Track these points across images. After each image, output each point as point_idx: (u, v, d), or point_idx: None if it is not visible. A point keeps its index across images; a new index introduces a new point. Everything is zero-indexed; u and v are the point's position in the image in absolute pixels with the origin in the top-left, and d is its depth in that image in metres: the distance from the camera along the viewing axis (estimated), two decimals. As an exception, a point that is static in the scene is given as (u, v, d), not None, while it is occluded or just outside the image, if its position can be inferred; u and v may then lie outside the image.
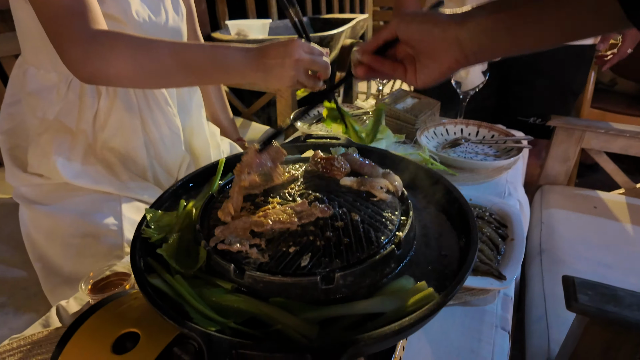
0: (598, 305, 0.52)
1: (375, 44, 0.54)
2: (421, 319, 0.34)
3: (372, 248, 0.42)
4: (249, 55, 0.73)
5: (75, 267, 0.80)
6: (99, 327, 0.43)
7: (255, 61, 0.72)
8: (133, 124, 0.90)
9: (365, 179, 0.53)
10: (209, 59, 0.73)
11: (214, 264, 0.43)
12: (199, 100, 1.09)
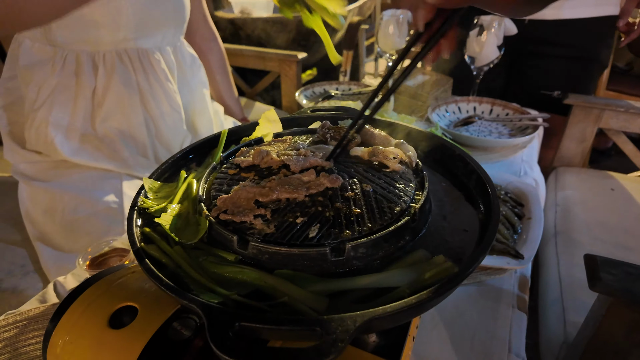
0: (623, 284, 0.49)
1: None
2: (440, 292, 0.31)
3: (385, 219, 0.39)
4: None
5: (75, 244, 0.79)
6: (94, 300, 0.40)
7: None
8: (132, 101, 0.87)
9: (377, 148, 0.49)
10: None
11: (216, 235, 0.40)
12: (202, 77, 1.05)
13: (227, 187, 0.45)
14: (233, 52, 1.49)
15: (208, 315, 0.30)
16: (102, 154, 0.86)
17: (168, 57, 0.92)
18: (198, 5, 1.09)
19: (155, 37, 0.88)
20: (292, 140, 0.55)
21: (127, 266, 0.46)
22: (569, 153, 1.11)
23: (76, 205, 0.81)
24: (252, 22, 1.82)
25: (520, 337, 0.50)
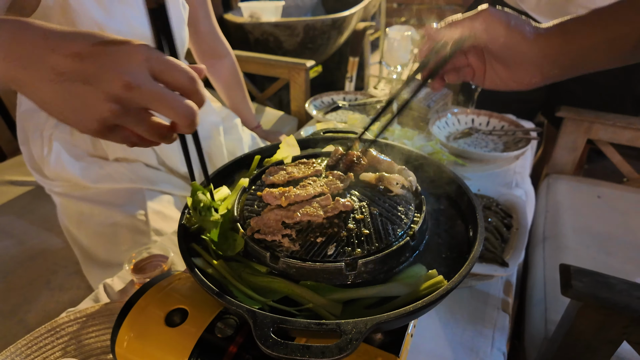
0: (592, 291, 0.57)
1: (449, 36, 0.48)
2: (432, 303, 0.40)
3: (389, 239, 0.48)
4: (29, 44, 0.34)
5: (108, 253, 0.86)
6: (151, 303, 0.49)
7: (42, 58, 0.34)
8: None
9: (383, 175, 0.58)
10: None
11: (251, 250, 0.49)
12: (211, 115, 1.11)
13: (257, 208, 0.54)
14: (243, 59, 1.56)
15: (253, 318, 0.39)
16: (122, 176, 0.93)
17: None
18: (208, 24, 1.13)
19: None
20: (311, 162, 0.63)
21: (173, 273, 0.55)
22: (561, 161, 1.19)
23: (106, 217, 0.89)
24: (260, 27, 1.89)
25: (503, 334, 0.59)
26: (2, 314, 0.76)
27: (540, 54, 0.46)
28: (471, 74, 0.52)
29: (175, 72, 0.35)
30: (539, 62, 0.47)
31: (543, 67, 0.47)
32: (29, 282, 0.83)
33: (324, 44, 2.10)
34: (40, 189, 1.11)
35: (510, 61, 0.48)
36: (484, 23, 0.46)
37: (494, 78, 0.51)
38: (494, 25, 0.46)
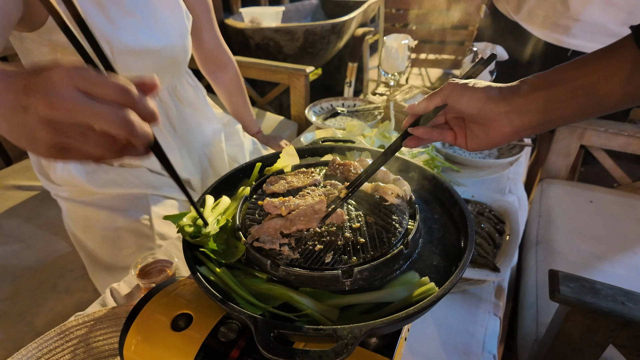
0: (578, 296, 0.60)
1: (424, 108, 0.56)
2: (423, 309, 0.43)
3: (384, 248, 0.50)
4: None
5: (113, 257, 0.89)
6: (157, 308, 0.52)
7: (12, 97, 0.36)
8: None
9: (378, 185, 0.60)
10: None
11: (252, 258, 0.51)
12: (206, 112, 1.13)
13: (259, 217, 0.56)
14: (244, 65, 1.58)
15: (254, 324, 0.41)
16: (126, 181, 0.95)
17: (164, 100, 1.01)
18: (211, 33, 1.15)
19: None
20: (310, 172, 0.66)
21: (178, 279, 0.58)
22: (555, 166, 1.22)
23: (112, 222, 0.91)
24: (261, 32, 1.92)
25: (493, 337, 0.62)
26: (12, 317, 0.78)
27: (506, 108, 0.50)
28: (453, 137, 0.58)
29: (102, 87, 0.34)
30: (507, 117, 0.51)
31: (512, 120, 0.51)
32: (37, 286, 0.85)
33: (324, 49, 2.13)
34: (46, 194, 1.14)
35: (480, 119, 0.53)
36: (449, 91, 0.53)
37: (473, 138, 0.56)
38: (456, 90, 0.53)
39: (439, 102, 0.54)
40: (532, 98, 0.49)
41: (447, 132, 0.58)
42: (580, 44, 1.08)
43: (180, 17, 0.96)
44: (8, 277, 0.86)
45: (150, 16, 0.87)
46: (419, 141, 0.58)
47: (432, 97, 0.55)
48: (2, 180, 1.21)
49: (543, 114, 0.49)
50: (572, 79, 0.48)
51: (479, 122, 0.54)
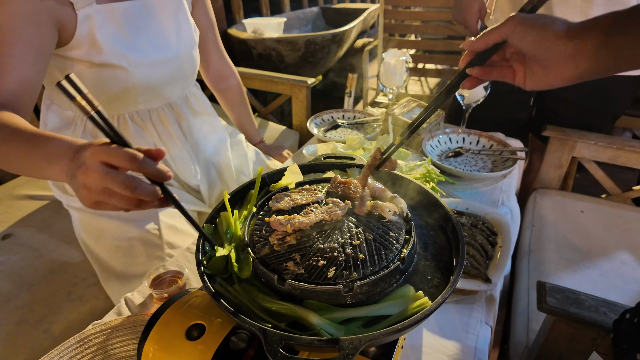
0: (563, 307, 0.64)
1: (484, 45, 0.53)
2: (417, 322, 0.47)
3: (381, 264, 0.55)
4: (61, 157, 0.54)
5: (125, 266, 0.93)
6: (172, 318, 0.56)
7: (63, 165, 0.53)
8: None
9: (377, 202, 0.65)
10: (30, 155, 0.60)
11: (260, 273, 0.56)
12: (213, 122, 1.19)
13: (265, 233, 0.61)
14: (247, 76, 1.63)
15: (264, 336, 0.46)
16: None
17: (177, 109, 1.06)
18: (216, 47, 1.20)
19: (162, 96, 1.01)
20: (313, 189, 0.70)
21: (190, 291, 0.62)
22: (547, 177, 1.26)
23: (122, 232, 0.96)
24: (263, 42, 1.96)
25: (485, 345, 0.66)
26: (30, 324, 0.83)
27: (573, 48, 0.46)
28: (512, 74, 0.55)
29: (115, 158, 0.46)
30: (573, 57, 0.47)
31: (578, 63, 0.47)
32: (52, 294, 0.89)
33: (325, 58, 2.17)
34: (57, 204, 1.18)
35: (545, 59, 0.49)
36: (512, 27, 0.50)
37: (533, 78, 0.53)
38: (521, 27, 0.49)
39: (499, 38, 0.51)
40: (605, 42, 0.45)
41: (506, 69, 0.55)
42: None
43: (188, 30, 1.02)
44: (25, 285, 0.90)
45: (160, 32, 0.94)
46: (478, 81, 0.56)
47: (492, 33, 0.52)
48: (14, 190, 1.25)
49: (614, 59, 0.45)
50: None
51: (542, 62, 0.50)
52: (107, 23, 0.84)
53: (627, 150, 1.12)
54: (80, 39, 0.82)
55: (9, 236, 1.05)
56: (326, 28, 3.11)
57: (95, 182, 0.47)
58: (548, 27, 0.48)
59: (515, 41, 0.50)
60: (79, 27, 0.81)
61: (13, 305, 0.86)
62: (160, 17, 0.94)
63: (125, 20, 0.87)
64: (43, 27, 0.75)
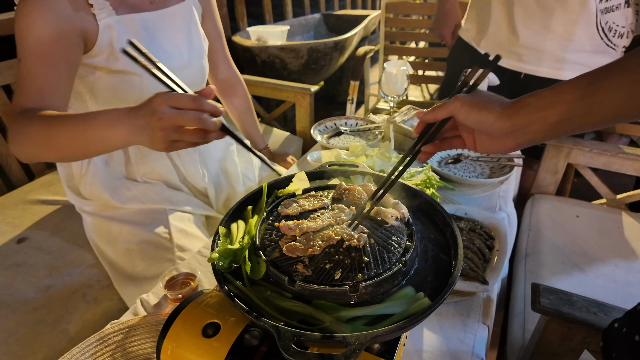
0: (556, 307, 0.68)
1: (433, 118, 0.60)
2: (417, 320, 0.51)
3: (385, 266, 0.58)
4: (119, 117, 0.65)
5: (136, 268, 0.97)
6: (189, 317, 0.60)
7: (126, 122, 0.64)
8: (160, 155, 1.06)
9: (380, 209, 0.68)
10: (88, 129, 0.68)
11: (272, 274, 0.60)
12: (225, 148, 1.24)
13: (275, 237, 0.65)
14: (252, 84, 1.67)
15: (277, 332, 0.49)
16: (147, 197, 1.03)
17: None
18: (223, 56, 1.25)
19: None
20: (319, 195, 0.74)
21: (204, 292, 0.66)
22: (544, 182, 1.30)
23: (134, 235, 1.00)
24: (267, 50, 2.01)
25: (482, 344, 0.70)
26: (48, 324, 0.86)
27: (510, 126, 0.54)
28: (462, 143, 0.63)
29: (180, 100, 0.59)
30: (511, 133, 0.54)
31: (516, 137, 0.54)
32: (68, 295, 0.93)
33: (327, 65, 2.22)
34: (68, 209, 1.22)
35: (488, 132, 0.57)
36: (458, 107, 0.56)
37: (482, 145, 0.60)
38: (464, 107, 0.56)
39: (446, 115, 0.58)
40: (534, 119, 0.52)
41: (456, 140, 0.63)
42: (531, 69, 1.23)
43: (199, 40, 1.07)
44: (42, 287, 0.94)
45: (173, 41, 1.00)
46: (430, 155, 0.63)
47: (440, 109, 0.58)
48: (27, 194, 1.29)
49: (544, 132, 0.52)
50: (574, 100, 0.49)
51: (486, 134, 0.57)
52: (125, 32, 0.89)
53: (620, 157, 1.16)
54: (100, 47, 0.87)
55: (24, 240, 1.09)
56: (328, 34, 3.16)
57: (169, 121, 0.58)
58: (487, 108, 0.54)
59: (461, 119, 0.57)
60: (100, 37, 0.86)
61: (31, 306, 0.90)
62: (174, 27, 1.00)
63: (142, 29, 0.92)
64: (71, 41, 0.81)
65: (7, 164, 1.36)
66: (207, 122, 0.59)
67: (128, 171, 1.04)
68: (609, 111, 0.48)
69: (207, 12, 1.13)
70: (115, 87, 0.92)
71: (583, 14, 1.11)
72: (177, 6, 1.00)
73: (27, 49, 0.77)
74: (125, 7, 0.90)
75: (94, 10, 0.84)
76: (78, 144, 0.71)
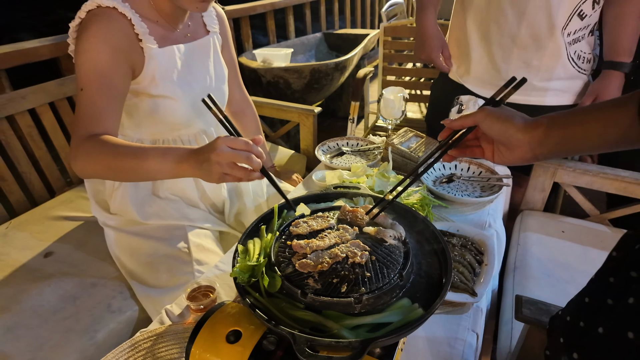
0: (536, 316, 0.77)
1: (460, 126, 0.67)
2: (413, 327, 0.60)
3: (384, 281, 0.67)
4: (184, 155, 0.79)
5: (157, 280, 1.05)
6: (214, 326, 0.69)
7: (190, 159, 0.77)
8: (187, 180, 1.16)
9: (380, 229, 0.78)
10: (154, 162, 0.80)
11: (286, 288, 0.68)
12: None
13: (288, 254, 0.74)
14: (258, 104, 1.77)
15: (293, 338, 0.58)
16: (167, 214, 1.13)
17: (210, 136, 1.21)
18: (236, 83, 1.36)
19: (200, 123, 1.17)
20: (326, 216, 0.83)
21: (225, 303, 0.74)
22: (532, 199, 1.40)
23: (155, 250, 1.09)
24: (272, 71, 2.12)
25: (471, 350, 0.78)
26: (77, 333, 0.95)
27: (528, 138, 0.60)
28: (482, 153, 0.70)
29: (236, 142, 0.72)
30: (528, 144, 0.61)
31: (533, 148, 0.61)
32: (94, 306, 1.02)
33: (328, 84, 2.33)
34: (91, 224, 1.31)
35: (507, 144, 0.63)
36: (482, 117, 0.64)
37: (500, 156, 0.67)
38: (489, 118, 0.63)
39: (472, 123, 0.65)
40: (551, 133, 0.59)
41: (476, 149, 0.70)
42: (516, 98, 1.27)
43: (220, 68, 1.20)
44: (70, 299, 1.03)
45: (202, 68, 1.13)
46: (453, 158, 0.72)
47: (467, 118, 0.65)
48: (50, 211, 1.38)
49: (559, 146, 0.59)
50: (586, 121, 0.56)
51: (506, 145, 0.63)
52: (166, 62, 1.02)
53: (601, 177, 1.26)
54: (145, 75, 0.99)
55: (50, 254, 1.18)
56: (329, 52, 3.28)
57: (225, 158, 0.71)
58: (509, 121, 0.62)
59: (485, 128, 0.64)
60: (146, 67, 0.99)
61: (61, 316, 0.98)
62: (202, 57, 1.13)
63: (179, 59, 1.05)
64: (124, 71, 0.93)
65: (30, 182, 1.46)
66: (253, 161, 0.73)
67: (154, 186, 1.14)
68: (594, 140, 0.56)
69: (225, 43, 1.25)
70: (152, 109, 1.03)
71: (554, 49, 1.23)
72: (204, 39, 1.15)
73: (88, 80, 0.88)
74: (166, 41, 1.03)
75: (142, 44, 0.97)
76: (140, 172, 0.82)
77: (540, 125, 0.60)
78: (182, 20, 1.07)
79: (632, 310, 0.44)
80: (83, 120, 0.88)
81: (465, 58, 1.41)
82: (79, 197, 1.46)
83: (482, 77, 1.38)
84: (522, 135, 0.61)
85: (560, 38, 1.21)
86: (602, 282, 0.54)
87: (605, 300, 0.50)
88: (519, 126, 0.61)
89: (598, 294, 0.54)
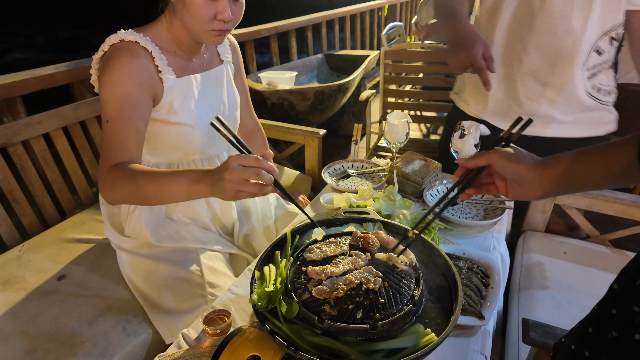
0: (542, 339, 0.80)
1: (474, 165, 0.71)
2: (426, 353, 0.63)
3: (397, 307, 0.70)
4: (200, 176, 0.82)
5: (171, 303, 1.08)
6: (234, 351, 0.71)
7: (205, 179, 0.81)
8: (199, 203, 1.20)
9: (391, 255, 0.81)
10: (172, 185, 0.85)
11: (303, 314, 0.71)
12: None
13: (304, 280, 0.77)
14: (265, 126, 1.82)
15: (313, 364, 0.61)
16: (180, 237, 1.16)
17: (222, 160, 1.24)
18: (247, 107, 1.41)
19: (214, 148, 1.21)
20: (338, 242, 0.87)
21: (242, 329, 0.77)
22: (534, 221, 1.43)
23: (169, 272, 1.11)
24: (277, 93, 2.18)
25: (480, 372, 0.81)
26: (95, 356, 0.96)
27: (539, 177, 0.65)
28: (496, 189, 0.75)
29: (246, 159, 0.75)
30: (539, 183, 0.66)
31: (544, 186, 0.66)
32: (110, 329, 1.04)
33: (331, 105, 2.39)
34: (102, 246, 1.34)
35: (520, 182, 0.68)
36: (495, 158, 0.68)
37: (513, 192, 0.72)
38: (502, 159, 0.68)
39: (485, 163, 0.70)
40: (559, 172, 0.64)
41: (491, 186, 0.74)
42: (535, 131, 1.35)
43: (233, 95, 1.25)
44: (85, 322, 1.05)
45: (216, 96, 1.18)
46: (470, 196, 0.75)
47: (480, 158, 0.70)
48: (62, 233, 1.41)
49: (566, 185, 0.65)
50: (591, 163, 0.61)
51: (519, 183, 0.68)
52: (183, 91, 1.07)
53: (600, 199, 1.30)
54: (163, 104, 1.04)
55: (64, 277, 1.20)
56: (330, 73, 3.36)
57: (237, 176, 0.74)
58: (521, 161, 0.67)
59: (498, 168, 0.69)
60: (164, 96, 1.04)
61: (78, 340, 1.00)
62: (216, 84, 1.19)
63: (195, 88, 1.11)
64: (145, 102, 0.98)
65: (42, 204, 1.49)
66: (264, 176, 0.75)
67: (167, 209, 1.17)
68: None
69: (237, 71, 1.30)
70: (169, 135, 1.07)
71: (573, 85, 1.27)
72: (218, 68, 1.20)
73: (113, 112, 0.93)
74: (183, 71, 1.08)
75: (162, 75, 1.02)
76: (164, 195, 0.86)
77: (549, 165, 0.66)
78: (198, 52, 1.13)
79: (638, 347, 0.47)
80: (109, 151, 0.92)
81: (484, 96, 1.44)
82: (91, 219, 1.49)
83: (499, 112, 1.41)
84: (533, 175, 0.67)
85: (578, 73, 1.26)
86: (605, 314, 0.58)
87: (610, 332, 0.53)
88: (529, 167, 0.67)
89: (602, 326, 0.57)
